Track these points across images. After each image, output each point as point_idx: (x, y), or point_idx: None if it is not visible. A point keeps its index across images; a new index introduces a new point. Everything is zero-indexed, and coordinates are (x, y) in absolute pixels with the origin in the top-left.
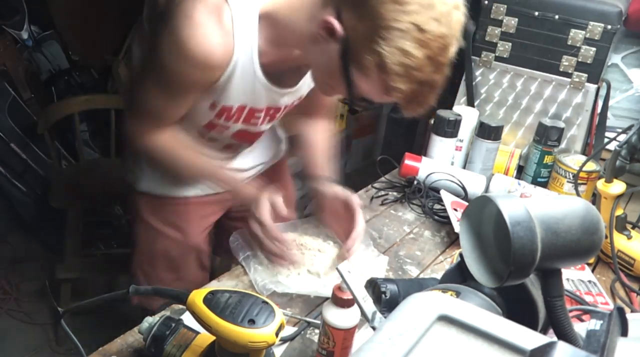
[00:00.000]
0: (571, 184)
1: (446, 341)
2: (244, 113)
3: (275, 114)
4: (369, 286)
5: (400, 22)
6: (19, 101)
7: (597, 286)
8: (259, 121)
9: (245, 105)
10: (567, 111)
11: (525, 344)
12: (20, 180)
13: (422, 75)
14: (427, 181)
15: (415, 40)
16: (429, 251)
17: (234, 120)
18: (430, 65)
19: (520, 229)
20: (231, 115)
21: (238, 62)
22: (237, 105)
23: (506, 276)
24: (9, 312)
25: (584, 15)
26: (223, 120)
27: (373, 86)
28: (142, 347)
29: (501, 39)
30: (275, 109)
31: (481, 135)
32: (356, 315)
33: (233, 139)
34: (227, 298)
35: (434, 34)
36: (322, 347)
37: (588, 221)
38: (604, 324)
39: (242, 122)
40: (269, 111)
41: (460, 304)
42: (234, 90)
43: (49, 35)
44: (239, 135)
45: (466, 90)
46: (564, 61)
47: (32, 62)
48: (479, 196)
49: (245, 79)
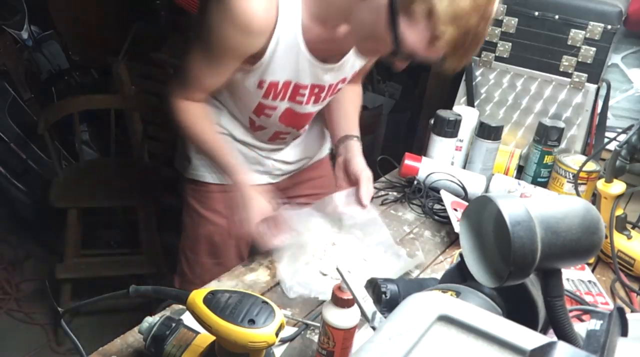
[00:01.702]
0: (571, 184)
1: (446, 341)
2: (289, 89)
3: (320, 94)
4: (369, 286)
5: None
6: (19, 101)
7: (597, 286)
8: (304, 99)
9: (291, 81)
10: (567, 111)
11: (525, 344)
12: (20, 180)
13: (469, 23)
14: (427, 180)
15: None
16: (429, 251)
17: (281, 97)
18: (476, 13)
19: (520, 229)
20: (278, 91)
21: (281, 36)
22: (282, 80)
23: (506, 276)
24: (9, 312)
25: (584, 15)
26: (270, 100)
27: (420, 36)
28: (142, 347)
29: (501, 39)
30: (319, 88)
31: (481, 135)
32: (356, 315)
33: (281, 123)
34: (227, 298)
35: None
36: (322, 347)
37: (588, 220)
38: (604, 324)
39: (288, 100)
40: (313, 89)
41: (460, 304)
42: (279, 65)
43: (49, 35)
44: (286, 118)
45: (466, 90)
46: (564, 61)
47: (32, 62)
48: (479, 196)
49: (290, 53)
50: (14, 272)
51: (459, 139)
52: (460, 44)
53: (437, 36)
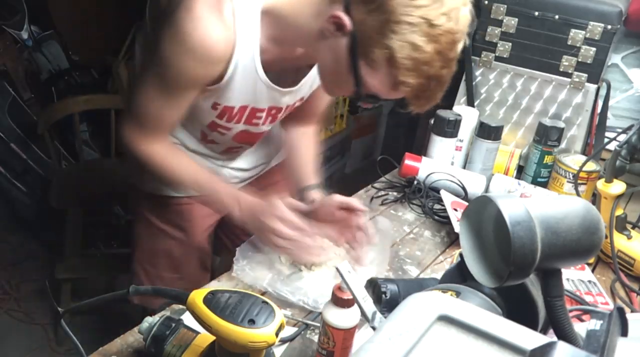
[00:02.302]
0: (571, 184)
1: (446, 341)
2: (245, 113)
3: (277, 115)
4: (369, 286)
5: (410, 16)
6: (19, 101)
7: (597, 286)
8: (260, 121)
9: (247, 105)
10: (567, 111)
11: (525, 344)
12: (20, 180)
13: (431, 69)
14: (427, 181)
15: (425, 34)
16: (429, 251)
17: (236, 120)
18: (439, 60)
19: (520, 229)
20: (233, 115)
21: (239, 61)
22: (238, 105)
23: (506, 276)
24: (9, 312)
25: (584, 15)
26: (225, 121)
27: (382, 81)
28: (142, 347)
29: (501, 39)
30: (277, 109)
31: (481, 135)
32: (356, 315)
33: (234, 141)
34: (227, 298)
35: (443, 28)
36: (322, 347)
37: (588, 220)
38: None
39: (244, 123)
40: (270, 111)
41: (460, 304)
42: (236, 90)
43: (49, 35)
44: (241, 137)
45: (466, 90)
46: (564, 61)
47: (32, 62)
48: (479, 196)
49: (247, 78)
50: (14, 272)
51: (459, 139)
52: (424, 89)
53: (399, 82)
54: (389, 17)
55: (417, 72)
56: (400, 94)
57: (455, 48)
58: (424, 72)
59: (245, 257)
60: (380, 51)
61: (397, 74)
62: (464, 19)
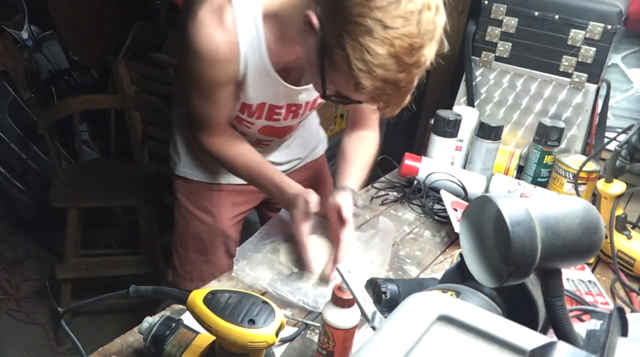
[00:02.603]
0: (571, 184)
1: (446, 341)
2: (264, 110)
3: (298, 111)
4: (369, 286)
5: (364, 18)
6: (19, 101)
7: (597, 286)
8: (281, 117)
9: (265, 102)
10: (567, 111)
11: (525, 344)
12: (20, 180)
13: (386, 73)
14: (427, 181)
15: (378, 37)
16: (429, 251)
17: (257, 116)
18: (394, 64)
19: (520, 229)
20: (252, 112)
21: (249, 61)
22: (256, 103)
23: (506, 276)
24: (9, 312)
25: (584, 15)
26: (247, 116)
27: (344, 81)
28: (142, 347)
29: (501, 39)
30: (296, 106)
31: (481, 135)
32: (356, 315)
33: (260, 134)
34: (227, 298)
35: (399, 32)
36: (322, 347)
37: (588, 220)
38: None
39: (265, 119)
40: (290, 108)
41: (460, 304)
42: (251, 88)
43: (49, 35)
44: (265, 131)
45: (466, 90)
46: (564, 61)
47: (32, 62)
48: (479, 196)
49: (260, 77)
50: (14, 272)
51: (459, 139)
52: (380, 93)
53: (356, 83)
54: (346, 18)
55: (370, 75)
56: (364, 97)
57: (415, 53)
58: (378, 75)
59: (245, 257)
60: (339, 52)
61: (355, 76)
62: (428, 23)
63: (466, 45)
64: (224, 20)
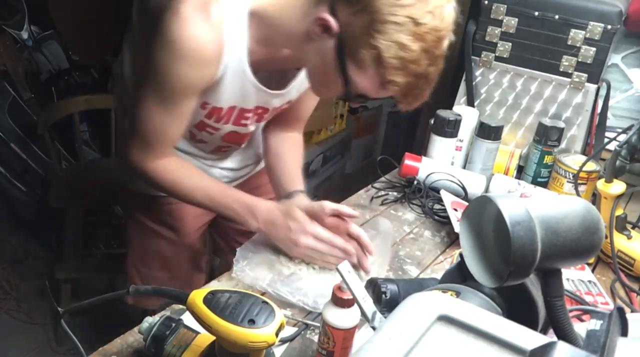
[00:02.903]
0: (571, 184)
1: (446, 341)
2: (233, 114)
3: (263, 115)
4: (369, 286)
5: (396, 16)
6: (19, 101)
7: (597, 286)
8: (248, 122)
9: (235, 106)
10: (567, 111)
11: (525, 344)
12: (20, 180)
13: (418, 68)
14: (427, 181)
15: (411, 33)
16: (429, 251)
17: (224, 121)
18: (425, 57)
19: (520, 229)
20: (221, 116)
21: (229, 62)
22: (227, 106)
23: (506, 276)
24: (9, 312)
25: (584, 15)
26: (214, 121)
27: (370, 81)
28: (142, 347)
29: (501, 39)
30: (263, 109)
31: (481, 135)
32: (356, 315)
33: (223, 141)
34: (227, 298)
35: (429, 26)
36: (322, 347)
37: (588, 221)
38: (604, 324)
39: (232, 123)
40: (257, 111)
41: (460, 304)
42: (225, 91)
43: (49, 35)
44: (229, 137)
45: (466, 90)
46: (564, 61)
47: (32, 62)
48: (479, 196)
49: (236, 79)
50: (14, 272)
51: (459, 139)
52: (412, 88)
53: (387, 81)
54: (375, 17)
55: (404, 71)
56: (389, 93)
57: (441, 45)
58: (411, 70)
59: (245, 257)
60: (367, 51)
61: (385, 74)
62: (449, 16)
63: (466, 45)
64: (211, 16)
